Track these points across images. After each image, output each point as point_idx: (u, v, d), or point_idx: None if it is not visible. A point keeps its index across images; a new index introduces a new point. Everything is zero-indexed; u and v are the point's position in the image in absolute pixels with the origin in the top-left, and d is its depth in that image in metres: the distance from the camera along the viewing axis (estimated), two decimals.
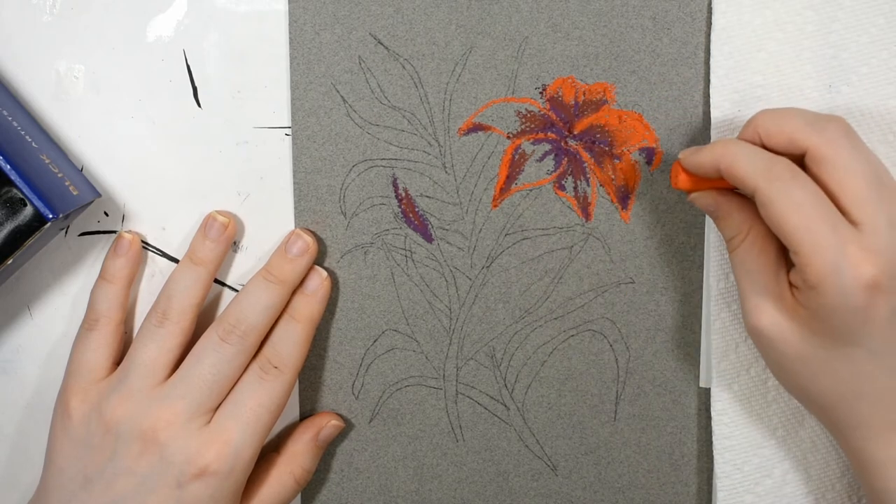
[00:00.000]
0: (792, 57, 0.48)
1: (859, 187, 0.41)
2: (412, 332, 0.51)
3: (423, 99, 0.50)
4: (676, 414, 0.52)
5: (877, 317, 0.41)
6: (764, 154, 0.43)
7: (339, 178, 0.50)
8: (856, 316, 0.41)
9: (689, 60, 0.49)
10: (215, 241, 0.50)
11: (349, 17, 0.49)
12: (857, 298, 0.40)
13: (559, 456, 0.52)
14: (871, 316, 0.41)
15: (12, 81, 0.50)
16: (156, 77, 0.50)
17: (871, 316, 0.41)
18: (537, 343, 0.51)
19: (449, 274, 0.51)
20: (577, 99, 0.49)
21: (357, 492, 0.53)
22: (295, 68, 0.49)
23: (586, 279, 0.51)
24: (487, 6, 0.49)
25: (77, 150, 0.50)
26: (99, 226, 0.51)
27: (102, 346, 0.49)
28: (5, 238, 0.45)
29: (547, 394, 0.52)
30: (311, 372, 0.52)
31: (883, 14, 0.48)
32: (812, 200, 0.41)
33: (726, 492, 0.50)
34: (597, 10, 0.49)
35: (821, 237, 0.40)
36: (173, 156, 0.50)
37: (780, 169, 0.42)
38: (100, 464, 0.47)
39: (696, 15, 0.49)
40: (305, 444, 0.51)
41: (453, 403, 0.52)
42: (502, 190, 0.50)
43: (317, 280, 0.50)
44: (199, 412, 0.47)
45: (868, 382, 0.42)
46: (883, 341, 0.41)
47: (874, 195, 0.41)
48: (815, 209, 0.41)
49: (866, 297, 0.40)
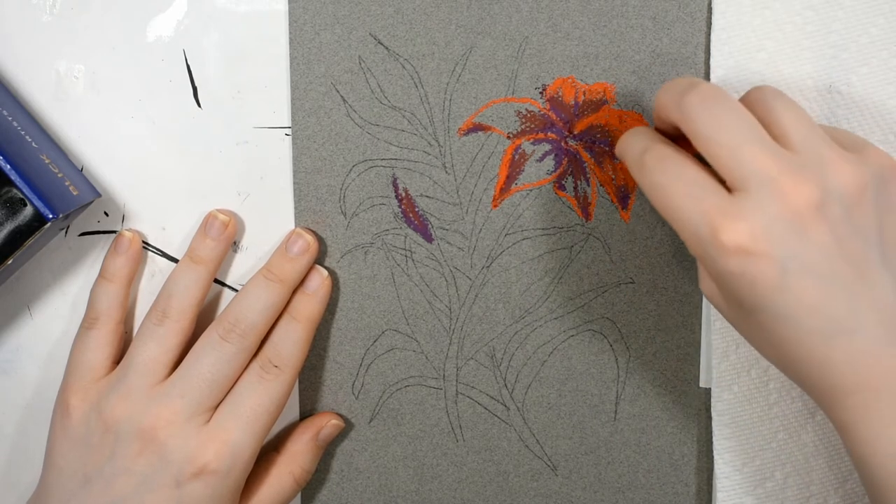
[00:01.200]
0: (792, 57, 0.48)
1: (723, 151, 0.40)
2: (412, 332, 0.51)
3: (423, 99, 0.50)
4: (676, 414, 0.52)
5: (761, 281, 0.39)
6: (641, 143, 0.43)
7: (339, 178, 0.50)
8: (738, 282, 0.40)
9: (689, 60, 0.49)
10: (216, 239, 0.50)
11: (349, 17, 0.49)
12: (729, 265, 0.39)
13: (559, 456, 0.52)
14: (753, 281, 0.39)
15: (12, 81, 0.50)
16: (156, 77, 0.50)
17: (752, 281, 0.39)
18: (537, 343, 0.51)
19: (449, 274, 0.51)
20: (577, 99, 0.49)
21: (357, 492, 0.53)
22: (295, 68, 0.49)
23: (586, 279, 0.51)
24: (487, 6, 0.49)
25: (77, 150, 0.51)
26: (99, 226, 0.51)
27: (102, 345, 0.49)
28: (5, 238, 0.45)
29: (547, 394, 0.52)
30: (311, 372, 0.52)
31: (883, 14, 0.48)
32: (675, 180, 0.41)
33: (726, 493, 0.50)
34: (597, 10, 0.49)
35: (684, 214, 0.40)
36: (173, 156, 0.50)
37: (647, 157, 0.42)
38: (99, 463, 0.47)
39: (696, 15, 0.49)
40: (305, 444, 0.51)
41: (453, 403, 0.52)
42: (502, 190, 0.50)
43: (317, 279, 0.50)
44: (198, 411, 0.47)
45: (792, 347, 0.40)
46: (784, 304, 0.39)
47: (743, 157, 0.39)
48: (679, 188, 0.40)
49: (739, 263, 0.39)
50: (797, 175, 0.39)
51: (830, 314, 0.39)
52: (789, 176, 0.39)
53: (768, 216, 0.39)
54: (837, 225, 0.39)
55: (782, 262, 0.39)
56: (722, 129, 0.40)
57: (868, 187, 0.40)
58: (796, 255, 0.39)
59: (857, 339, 0.39)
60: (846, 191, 0.40)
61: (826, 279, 0.39)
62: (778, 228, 0.39)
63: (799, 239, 0.39)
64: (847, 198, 0.40)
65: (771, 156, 0.39)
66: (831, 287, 0.39)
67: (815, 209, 0.39)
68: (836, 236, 0.39)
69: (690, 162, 0.41)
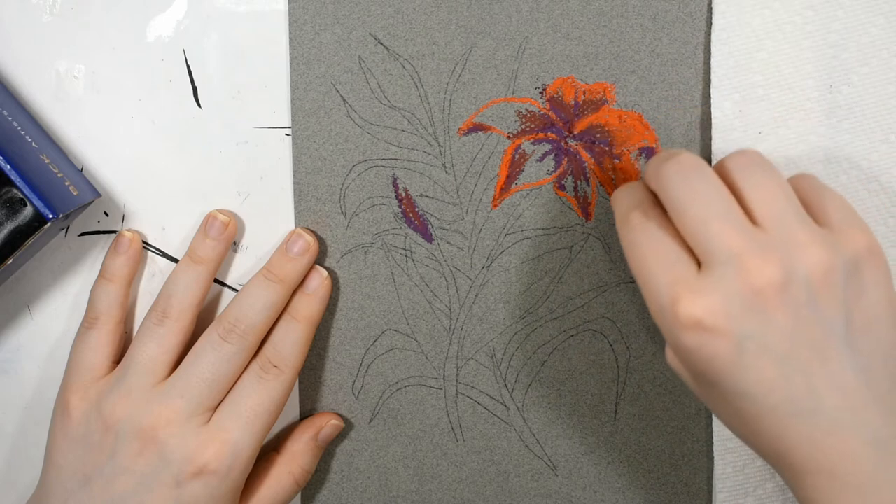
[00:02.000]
0: (792, 57, 0.48)
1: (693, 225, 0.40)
2: (412, 332, 0.51)
3: (423, 99, 0.50)
4: (676, 414, 0.52)
5: (717, 357, 0.39)
6: (630, 199, 0.43)
7: (339, 178, 0.50)
8: (696, 357, 0.40)
9: (689, 60, 0.49)
10: (216, 239, 0.50)
11: (349, 17, 0.49)
12: (686, 340, 0.39)
13: (559, 456, 0.52)
14: (710, 357, 0.39)
15: (12, 81, 0.50)
16: (156, 77, 0.50)
17: (709, 357, 0.39)
18: (537, 343, 0.51)
19: (449, 274, 0.51)
20: (577, 99, 0.49)
21: (357, 492, 0.53)
22: (295, 68, 0.49)
23: (586, 279, 0.51)
24: (487, 6, 0.49)
25: (77, 150, 0.51)
26: (99, 226, 0.51)
27: (102, 344, 0.49)
28: (5, 238, 0.45)
29: (547, 394, 0.52)
30: (311, 372, 0.52)
31: (883, 14, 0.48)
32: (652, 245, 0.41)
33: (727, 493, 0.50)
34: (597, 10, 0.49)
35: (652, 281, 0.40)
36: (173, 156, 0.50)
37: (633, 215, 0.42)
38: (99, 462, 0.47)
39: (696, 15, 0.49)
40: (305, 444, 0.51)
41: (453, 403, 0.52)
42: (502, 190, 0.50)
43: (317, 279, 0.50)
44: (198, 411, 0.47)
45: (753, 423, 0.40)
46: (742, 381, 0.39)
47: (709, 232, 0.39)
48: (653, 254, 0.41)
49: (696, 339, 0.39)
50: (762, 254, 0.39)
51: (788, 394, 0.39)
52: (754, 254, 0.39)
53: (728, 293, 0.39)
54: (800, 308, 0.39)
55: (739, 340, 0.39)
56: (693, 201, 0.40)
57: (836, 272, 0.40)
58: (754, 335, 0.39)
59: (816, 421, 0.39)
60: (812, 275, 0.39)
61: (785, 360, 0.39)
62: (736, 306, 0.39)
63: (758, 319, 0.39)
64: (813, 282, 0.39)
65: (738, 232, 0.39)
66: (789, 368, 0.39)
67: (778, 290, 0.39)
68: (797, 319, 0.39)
69: (672, 231, 0.41)
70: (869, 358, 0.40)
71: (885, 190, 0.49)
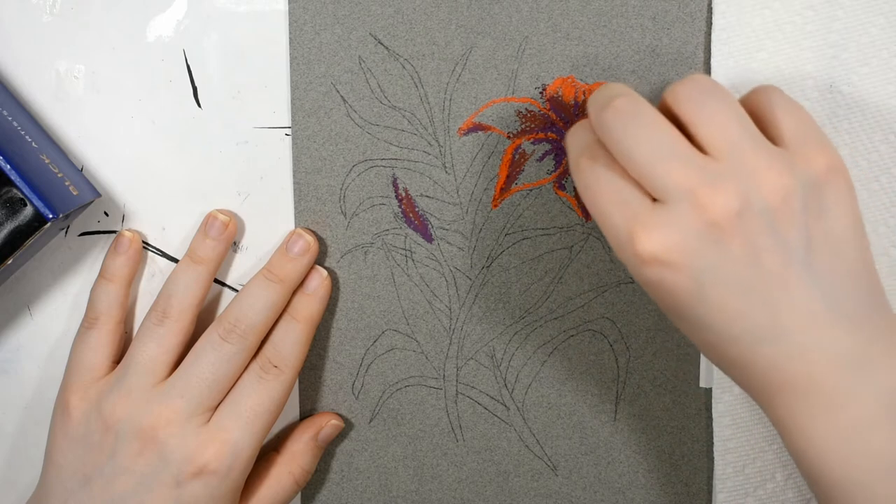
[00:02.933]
0: (792, 57, 0.48)
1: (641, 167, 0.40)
2: (412, 332, 0.51)
3: (423, 99, 0.50)
4: (676, 414, 0.52)
5: (677, 291, 0.39)
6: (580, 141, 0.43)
7: (339, 178, 0.50)
8: (656, 291, 0.40)
9: (689, 60, 0.49)
10: (216, 239, 0.50)
11: (349, 17, 0.49)
12: (645, 274, 0.40)
13: (559, 456, 0.52)
14: (670, 291, 0.39)
15: (12, 81, 0.50)
16: (156, 77, 0.50)
17: (669, 291, 0.40)
18: (537, 343, 0.51)
19: (449, 274, 0.51)
20: (577, 99, 0.49)
21: (357, 492, 0.53)
22: (295, 68, 0.49)
23: (586, 279, 0.51)
24: (487, 6, 0.49)
25: (77, 150, 0.51)
26: (99, 226, 0.51)
27: (102, 344, 0.49)
28: (5, 238, 0.45)
29: (547, 394, 0.52)
30: (311, 372, 0.52)
31: (883, 14, 0.48)
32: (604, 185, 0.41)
33: (727, 494, 0.50)
34: (597, 10, 0.49)
35: (609, 220, 0.40)
36: (173, 156, 0.51)
37: (582, 158, 0.42)
38: (99, 462, 0.47)
39: (696, 15, 0.49)
40: (305, 444, 0.51)
41: (453, 403, 0.52)
42: (502, 190, 0.50)
43: (317, 280, 0.50)
44: (198, 411, 0.47)
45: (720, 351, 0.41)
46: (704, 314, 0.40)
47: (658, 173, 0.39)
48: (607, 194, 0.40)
49: (655, 273, 0.39)
50: (715, 186, 0.39)
51: (751, 323, 0.39)
52: (707, 187, 0.39)
53: (683, 228, 0.39)
54: (757, 236, 0.39)
55: (697, 273, 0.39)
56: (636, 146, 0.40)
57: (794, 195, 0.39)
58: (711, 267, 0.39)
59: (782, 346, 0.39)
60: (769, 201, 0.39)
61: (746, 289, 0.39)
62: (692, 240, 0.39)
63: (715, 250, 0.39)
64: (770, 208, 0.39)
65: (688, 168, 0.39)
66: (750, 297, 0.39)
67: (733, 220, 0.39)
68: (756, 247, 0.39)
69: (620, 170, 0.41)
70: (831, 278, 0.40)
71: (885, 190, 0.49)
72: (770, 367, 0.40)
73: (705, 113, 0.40)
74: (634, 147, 0.40)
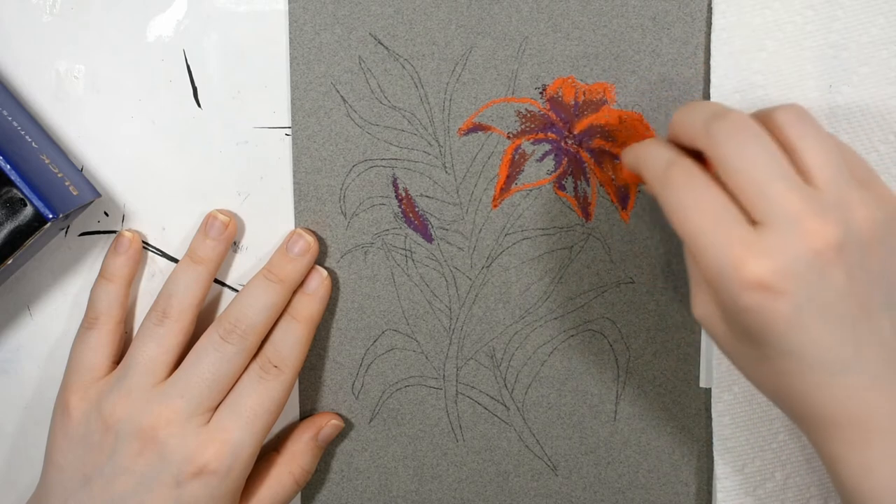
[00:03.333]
0: (792, 57, 0.48)
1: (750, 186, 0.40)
2: (412, 332, 0.51)
3: (423, 99, 0.50)
4: (676, 414, 0.52)
5: (776, 317, 0.39)
6: (664, 156, 0.42)
7: (339, 178, 0.50)
8: (753, 317, 0.40)
9: (689, 60, 0.49)
10: (216, 239, 0.50)
11: (349, 17, 0.49)
12: (746, 300, 0.39)
13: (559, 456, 0.52)
14: (768, 317, 0.39)
15: (12, 81, 0.50)
16: (156, 77, 0.50)
17: (767, 317, 0.39)
18: (537, 343, 0.51)
19: (449, 274, 0.51)
20: (577, 99, 0.49)
21: (357, 492, 0.53)
22: (295, 68, 0.49)
23: (586, 279, 0.51)
24: (487, 6, 0.49)
25: (77, 150, 0.51)
26: (99, 226, 0.51)
27: (102, 344, 0.49)
28: (5, 238, 0.45)
29: (547, 394, 0.52)
30: (311, 372, 0.52)
31: (883, 14, 0.48)
32: (701, 203, 0.40)
33: (726, 493, 0.50)
34: (597, 10, 0.49)
35: (707, 240, 0.40)
36: (173, 156, 0.50)
37: (674, 173, 0.41)
38: (99, 462, 0.47)
39: (696, 15, 0.49)
40: (305, 444, 0.51)
41: (453, 403, 0.52)
42: (502, 190, 0.50)
43: (317, 280, 0.50)
44: (198, 411, 0.47)
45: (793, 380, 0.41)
46: (796, 341, 0.40)
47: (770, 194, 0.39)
48: (704, 212, 0.40)
49: (758, 299, 0.39)
50: (822, 215, 0.39)
51: (837, 352, 0.40)
52: (814, 216, 0.39)
53: (791, 254, 0.39)
54: (853, 267, 0.40)
55: (799, 300, 0.39)
56: (750, 164, 0.40)
57: (881, 230, 0.40)
58: (813, 295, 0.39)
59: (859, 377, 0.40)
60: (863, 234, 0.40)
61: (837, 319, 0.39)
62: (799, 267, 0.39)
63: (818, 279, 0.39)
64: (863, 242, 0.40)
65: (797, 194, 0.39)
66: (841, 327, 0.40)
67: (836, 250, 0.39)
68: (851, 278, 0.39)
69: (717, 185, 0.41)
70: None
71: None
72: (842, 397, 0.40)
73: (810, 141, 0.41)
74: (748, 164, 0.40)
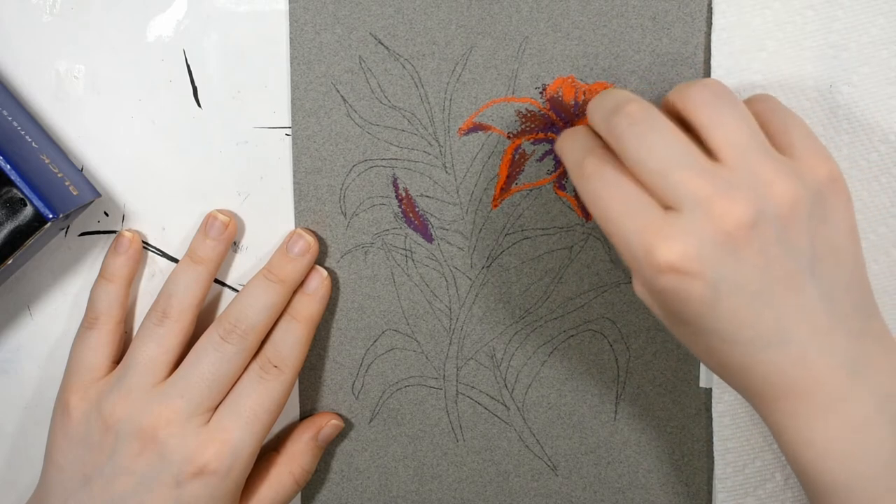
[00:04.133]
0: (792, 57, 0.48)
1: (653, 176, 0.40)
2: (412, 332, 0.51)
3: (423, 99, 0.50)
4: (676, 414, 0.52)
5: (691, 298, 0.39)
6: (580, 146, 0.43)
7: (339, 178, 0.50)
8: (671, 297, 0.40)
9: (689, 60, 0.49)
10: (216, 239, 0.50)
11: (349, 17, 0.49)
12: (662, 282, 0.39)
13: (559, 456, 0.52)
14: (684, 297, 0.40)
15: (12, 81, 0.50)
16: (156, 77, 0.50)
17: (683, 297, 0.40)
18: (537, 343, 0.51)
19: (449, 274, 0.51)
20: (577, 99, 0.49)
21: (357, 492, 0.53)
22: (295, 68, 0.49)
23: (586, 279, 0.51)
24: (487, 6, 0.49)
25: (77, 150, 0.51)
26: (99, 226, 0.51)
27: (102, 344, 0.49)
28: (5, 238, 0.45)
29: (547, 394, 0.52)
30: (311, 372, 0.52)
31: (883, 14, 0.48)
32: (612, 192, 0.41)
33: (727, 493, 0.50)
34: (597, 10, 0.49)
35: (619, 227, 0.40)
36: (173, 156, 0.50)
37: (587, 164, 0.42)
38: (99, 462, 0.47)
39: (696, 15, 0.49)
40: (305, 444, 0.51)
41: (453, 403, 0.52)
42: (502, 190, 0.50)
43: (317, 280, 0.50)
44: (198, 411, 0.47)
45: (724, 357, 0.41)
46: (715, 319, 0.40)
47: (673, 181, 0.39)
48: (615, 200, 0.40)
49: (672, 281, 0.39)
50: (729, 195, 0.39)
51: (760, 329, 0.40)
52: (721, 197, 0.39)
53: (700, 237, 0.39)
54: (769, 244, 0.39)
55: (714, 281, 0.39)
56: (650, 154, 0.40)
57: (802, 204, 0.40)
58: (727, 275, 0.39)
59: (786, 351, 0.40)
60: (780, 209, 0.39)
61: (756, 297, 0.39)
62: (709, 249, 0.39)
63: (730, 259, 0.39)
64: (781, 216, 0.39)
65: (701, 177, 0.39)
66: (761, 304, 0.40)
67: (747, 229, 0.39)
68: (767, 255, 0.39)
69: (629, 176, 0.41)
70: (832, 285, 0.41)
71: (885, 190, 0.49)
72: (773, 371, 0.40)
73: (718, 119, 0.40)
74: (649, 155, 0.40)
